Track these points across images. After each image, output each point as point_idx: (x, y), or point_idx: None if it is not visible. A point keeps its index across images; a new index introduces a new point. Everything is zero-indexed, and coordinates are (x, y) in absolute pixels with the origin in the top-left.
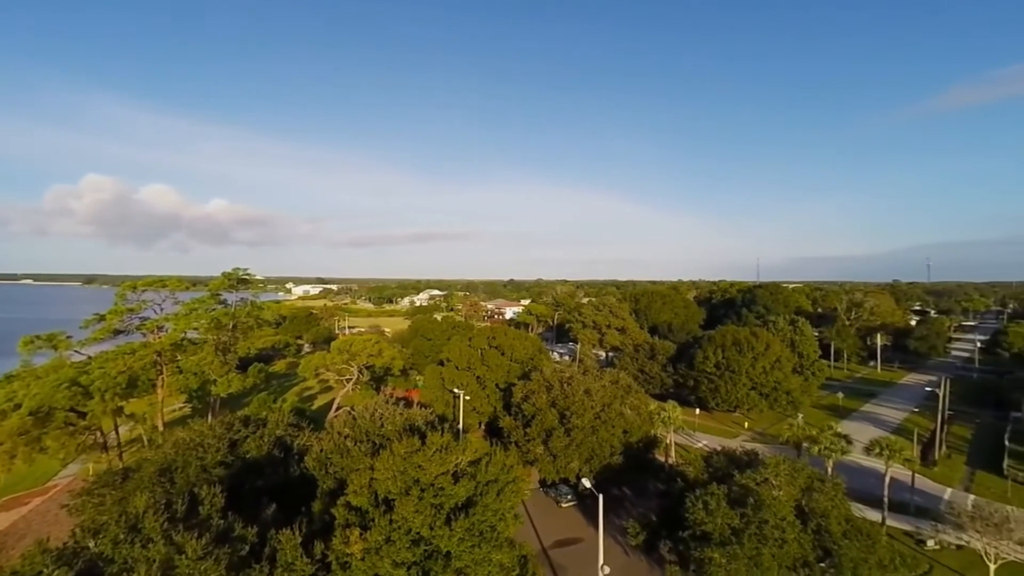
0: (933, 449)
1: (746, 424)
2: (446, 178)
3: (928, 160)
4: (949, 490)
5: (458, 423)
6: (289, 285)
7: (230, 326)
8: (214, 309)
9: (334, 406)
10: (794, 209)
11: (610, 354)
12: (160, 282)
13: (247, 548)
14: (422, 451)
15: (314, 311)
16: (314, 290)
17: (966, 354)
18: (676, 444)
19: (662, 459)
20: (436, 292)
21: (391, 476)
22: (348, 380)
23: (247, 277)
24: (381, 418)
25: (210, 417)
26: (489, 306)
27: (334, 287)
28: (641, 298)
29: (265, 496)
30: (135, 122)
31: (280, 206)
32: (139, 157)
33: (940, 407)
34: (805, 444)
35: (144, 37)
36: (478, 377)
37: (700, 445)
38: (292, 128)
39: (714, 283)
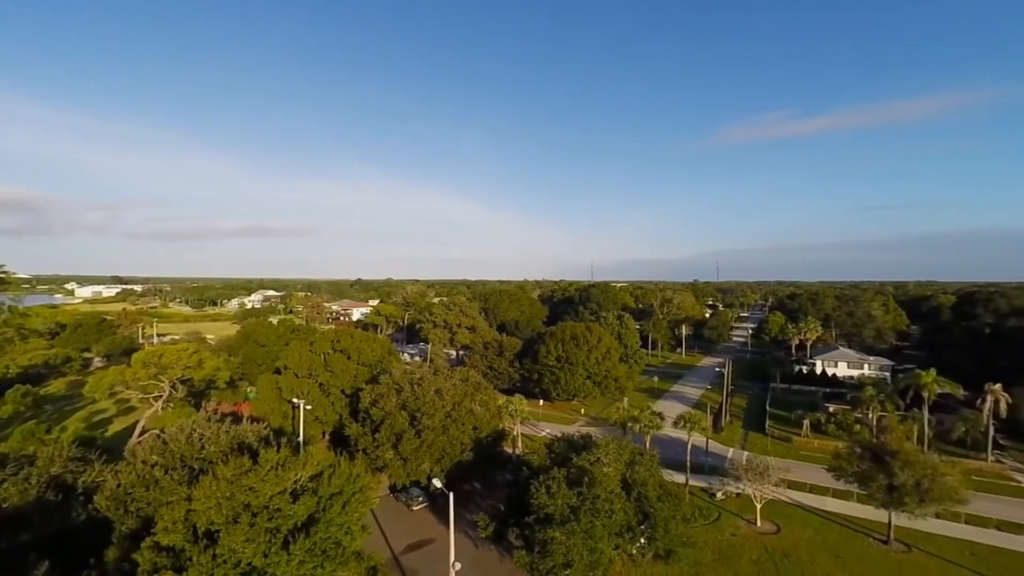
0: (721, 418)
1: (583, 410)
2: (281, 168)
3: (716, 183)
4: (731, 450)
5: (298, 436)
6: (71, 285)
7: None
8: None
9: (137, 430)
10: (621, 217)
11: (461, 352)
12: None
13: None
14: (254, 471)
15: (108, 317)
16: (109, 291)
17: (743, 339)
18: (523, 435)
19: (510, 450)
20: (272, 293)
21: (214, 504)
22: (157, 398)
23: (2, 275)
24: (201, 439)
25: None
26: (334, 307)
27: (136, 287)
28: (490, 297)
29: (34, 552)
30: None
31: (58, 187)
32: None
33: (725, 383)
34: (629, 423)
35: None
36: (321, 384)
37: (544, 434)
38: (76, 92)
39: (556, 283)
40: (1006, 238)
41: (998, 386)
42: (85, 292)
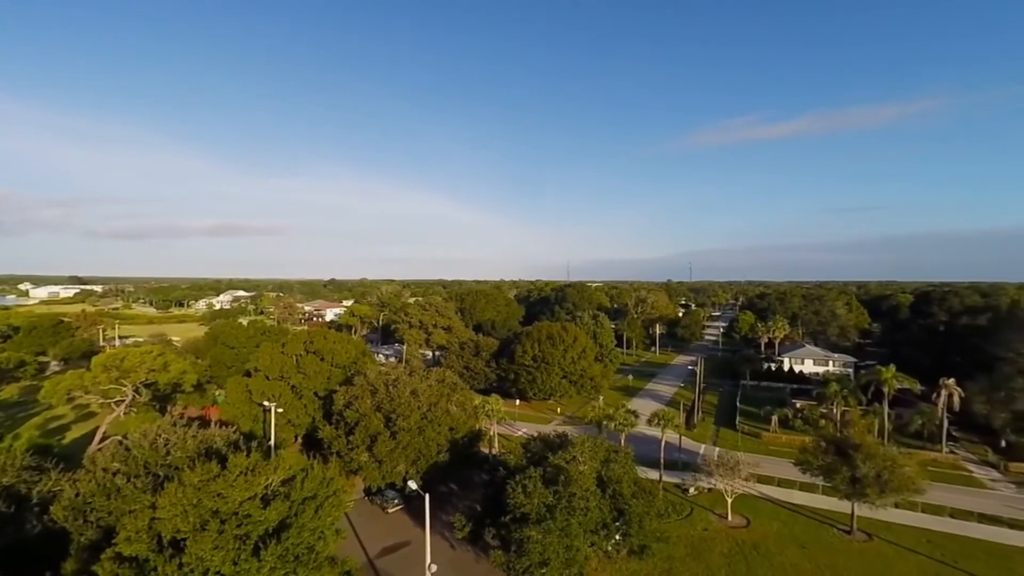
0: (693, 415)
1: (559, 410)
2: (253, 166)
3: (689, 185)
4: (703, 446)
5: (269, 439)
6: (25, 286)
7: None
8: None
9: (98, 436)
10: (596, 218)
11: (437, 353)
12: None
13: None
14: (223, 476)
15: (66, 318)
16: (67, 291)
17: (714, 338)
18: (499, 434)
19: (486, 451)
20: (242, 293)
21: (180, 512)
22: (119, 402)
23: None
24: (167, 444)
25: None
26: (307, 308)
27: (97, 288)
28: (466, 297)
29: None
30: None
31: (9, 182)
32: None
33: (697, 381)
34: (604, 422)
35: None
36: (293, 386)
37: (520, 433)
38: (27, 82)
39: (532, 282)
40: (961, 240)
41: (951, 381)
42: (40, 293)
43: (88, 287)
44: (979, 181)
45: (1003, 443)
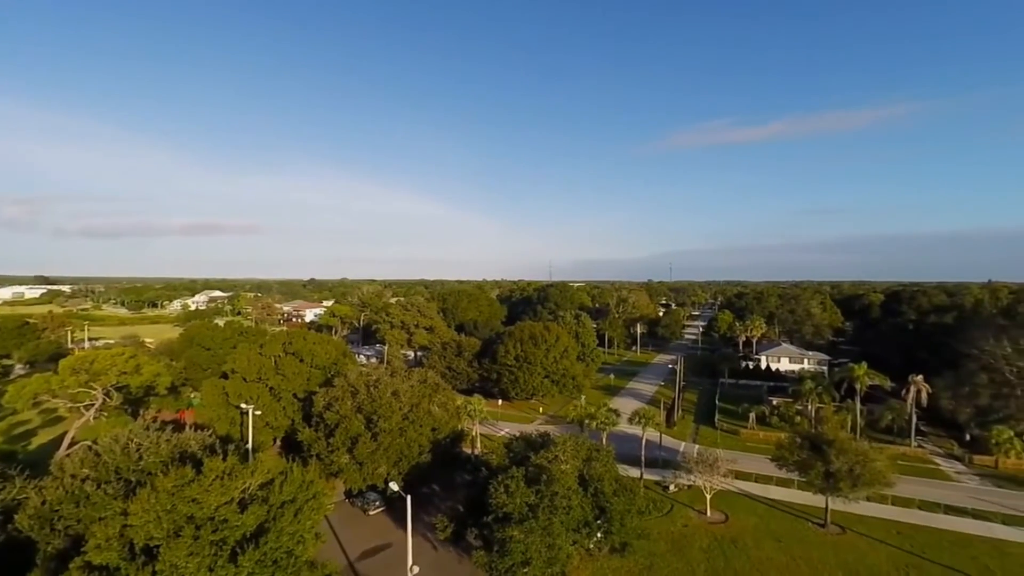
0: (673, 413)
1: (541, 409)
2: (231, 164)
3: (669, 186)
4: (683, 444)
5: (247, 443)
6: None
7: None
8: None
9: (66, 442)
10: (578, 218)
11: (419, 353)
12: None
13: None
14: (198, 481)
15: (32, 320)
16: (32, 292)
17: (694, 337)
18: (481, 435)
19: (469, 451)
20: (218, 293)
21: (153, 518)
22: (89, 406)
23: None
24: (139, 449)
25: None
26: (286, 308)
27: (65, 288)
28: (449, 297)
29: None
30: None
31: None
32: None
33: (677, 379)
34: (586, 421)
35: None
36: (271, 388)
37: (503, 433)
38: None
39: (514, 282)
40: (929, 241)
41: (920, 377)
42: (4, 293)
43: (55, 287)
44: (949, 184)
45: (968, 437)
